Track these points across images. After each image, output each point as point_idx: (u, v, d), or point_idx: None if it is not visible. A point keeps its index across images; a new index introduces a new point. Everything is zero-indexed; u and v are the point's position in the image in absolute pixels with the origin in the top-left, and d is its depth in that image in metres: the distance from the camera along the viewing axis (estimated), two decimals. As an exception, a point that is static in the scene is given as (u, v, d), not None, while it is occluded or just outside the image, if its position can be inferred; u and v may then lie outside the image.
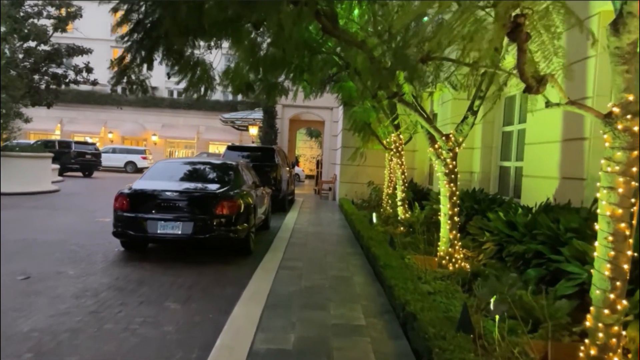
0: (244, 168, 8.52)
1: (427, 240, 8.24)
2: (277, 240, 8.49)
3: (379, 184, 14.53)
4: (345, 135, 15.94)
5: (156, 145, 38.94)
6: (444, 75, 7.55)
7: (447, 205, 7.00)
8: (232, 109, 33.04)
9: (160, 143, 39.31)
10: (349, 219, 11.08)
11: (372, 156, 14.78)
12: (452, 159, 7.06)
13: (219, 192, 6.71)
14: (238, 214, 6.76)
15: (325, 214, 13.26)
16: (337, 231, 9.89)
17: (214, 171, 7.69)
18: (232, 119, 24.66)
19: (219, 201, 6.56)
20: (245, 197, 7.33)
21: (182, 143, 41.16)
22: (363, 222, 9.42)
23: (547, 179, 7.79)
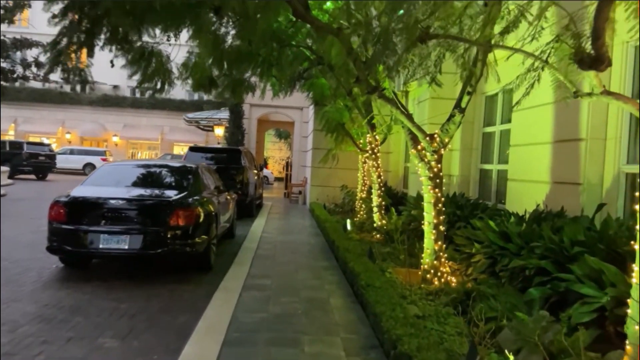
0: (206, 171, 7.62)
1: (408, 250, 7.54)
2: (242, 251, 7.62)
3: (353, 187, 13.81)
4: (317, 136, 15.18)
5: (117, 147, 37.25)
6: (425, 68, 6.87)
7: (432, 213, 6.31)
8: (198, 109, 31.80)
9: (121, 144, 37.64)
10: (321, 226, 10.30)
11: (344, 158, 14.05)
12: (437, 161, 6.36)
13: (174, 200, 5.81)
14: (196, 224, 5.88)
15: (296, 219, 12.43)
16: (309, 240, 9.08)
17: (169, 175, 6.76)
18: (197, 119, 23.54)
19: (173, 210, 5.66)
20: (206, 204, 6.44)
21: (145, 144, 39.56)
22: (337, 230, 8.65)
23: (536, 183, 7.19)
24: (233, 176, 12.11)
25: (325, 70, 10.62)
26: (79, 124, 36.79)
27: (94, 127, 37.05)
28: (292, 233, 9.83)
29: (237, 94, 9.75)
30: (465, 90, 5.99)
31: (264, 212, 13.88)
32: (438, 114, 10.46)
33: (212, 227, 6.46)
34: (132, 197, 5.83)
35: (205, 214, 6.24)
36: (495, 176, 9.21)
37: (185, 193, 6.18)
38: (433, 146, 6.29)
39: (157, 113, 37.18)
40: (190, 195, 6.20)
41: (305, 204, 17.23)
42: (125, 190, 6.05)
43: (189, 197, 6.09)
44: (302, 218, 12.83)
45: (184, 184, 6.47)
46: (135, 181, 6.51)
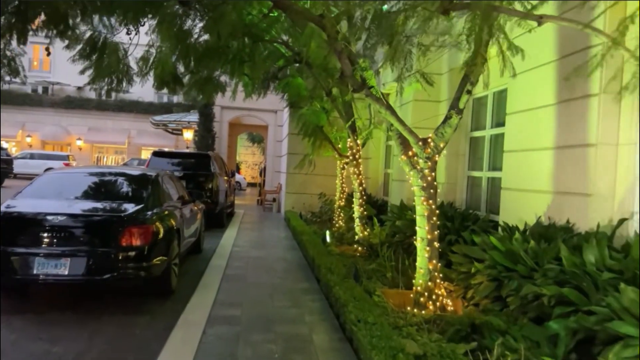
0: (168, 179, 6.70)
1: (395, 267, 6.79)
2: (210, 270, 6.72)
3: (331, 195, 13.02)
4: (292, 140, 14.35)
5: (81, 151, 35.56)
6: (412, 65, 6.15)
7: (426, 227, 5.56)
8: (168, 112, 30.55)
9: (86, 148, 35.96)
10: (298, 238, 9.46)
11: (322, 164, 13.26)
12: (431, 169, 5.63)
13: (126, 215, 4.89)
14: (153, 243, 4.97)
15: (270, 230, 11.55)
16: (285, 255, 8.23)
17: (124, 185, 5.82)
18: (164, 122, 22.39)
19: (125, 227, 4.75)
20: (166, 219, 5.54)
21: (111, 148, 37.96)
22: (315, 244, 7.83)
23: (535, 192, 6.52)
24: (201, 184, 11.16)
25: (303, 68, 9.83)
26: (40, 126, 34.98)
27: (57, 130, 35.30)
28: (266, 247, 8.96)
29: (206, 94, 8.84)
30: (465, 88, 5.26)
31: (235, 222, 12.95)
32: (422, 118, 9.80)
33: (173, 245, 5.56)
34: (76, 212, 4.88)
35: (165, 231, 5.33)
36: (486, 184, 8.55)
37: (141, 206, 5.26)
38: (426, 152, 5.55)
39: (124, 116, 35.70)
40: (147, 209, 5.29)
41: (280, 212, 16.36)
42: (69, 204, 5.09)
43: (145, 211, 5.17)
44: (277, 228, 11.96)
45: (141, 196, 5.55)
46: (83, 192, 5.55)
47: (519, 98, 7.10)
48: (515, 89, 7.13)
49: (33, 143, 34.69)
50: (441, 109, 9.71)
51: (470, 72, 5.34)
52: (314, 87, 9.13)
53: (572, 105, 5.87)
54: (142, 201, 5.41)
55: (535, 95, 6.59)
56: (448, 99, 9.42)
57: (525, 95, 6.88)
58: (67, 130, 35.54)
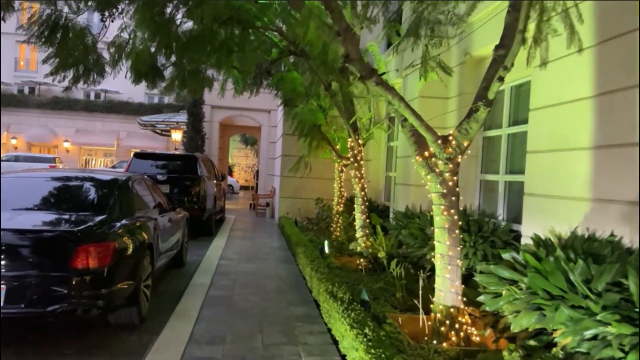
0: (142, 185, 5.75)
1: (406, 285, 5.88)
2: (191, 290, 5.76)
3: (328, 199, 12.10)
4: (286, 141, 13.42)
5: (69, 153, 34.42)
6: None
7: (446, 242, 4.67)
8: (158, 113, 29.48)
9: (73, 150, 34.81)
10: (293, 250, 8.52)
11: (318, 167, 12.35)
12: (453, 172, 4.73)
13: (81, 230, 3.92)
14: (116, 264, 4.02)
15: (262, 239, 10.59)
16: (278, 270, 7.27)
17: (86, 192, 4.86)
18: (152, 122, 21.38)
19: (78, 246, 3.79)
20: (136, 232, 4.59)
21: (100, 150, 36.82)
22: (313, 257, 6.88)
23: (568, 199, 5.62)
24: (187, 188, 10.20)
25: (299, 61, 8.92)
26: (25, 128, 33.80)
27: (43, 131, 34.14)
28: (257, 259, 8.00)
29: (190, 88, 7.89)
30: (496, 75, 4.35)
31: (225, 229, 11.99)
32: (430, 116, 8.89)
33: (143, 263, 4.61)
34: (17, 226, 3.91)
35: (133, 247, 4.38)
36: (504, 189, 7.65)
37: (102, 218, 4.29)
38: (447, 152, 4.65)
39: (113, 117, 34.61)
40: (110, 221, 4.33)
41: (273, 218, 15.40)
42: (11, 216, 4.12)
43: (106, 224, 4.21)
44: (270, 236, 11.00)
45: (105, 205, 4.58)
46: (36, 201, 4.58)
47: (546, 91, 6.20)
48: (542, 80, 6.24)
49: (18, 145, 33.53)
50: (450, 107, 8.82)
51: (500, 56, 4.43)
52: (311, 82, 8.22)
53: (617, 97, 4.97)
54: (106, 211, 4.44)
55: (568, 87, 5.69)
56: (459, 94, 8.54)
57: (554, 88, 5.98)
58: (53, 132, 34.40)
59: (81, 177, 5.17)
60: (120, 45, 6.31)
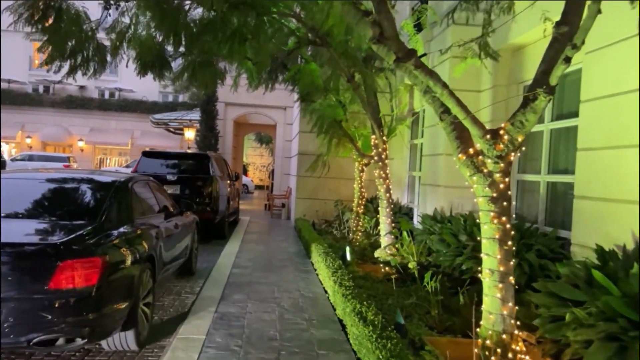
0: (144, 187, 5.11)
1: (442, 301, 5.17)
2: (198, 306, 5.10)
3: (348, 200, 11.40)
4: (303, 139, 12.75)
5: (83, 152, 34.20)
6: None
7: (497, 255, 3.95)
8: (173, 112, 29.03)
9: (88, 149, 34.58)
10: (312, 257, 7.83)
11: (337, 166, 11.66)
12: (504, 173, 4.01)
13: (64, 242, 3.29)
14: (106, 282, 3.37)
15: (278, 243, 9.92)
16: (296, 280, 6.58)
17: (79, 197, 4.22)
18: (165, 120, 20.87)
19: (59, 261, 3.15)
20: (134, 242, 3.95)
21: (115, 150, 36.56)
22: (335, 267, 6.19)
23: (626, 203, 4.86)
24: (199, 189, 9.58)
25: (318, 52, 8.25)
26: (40, 127, 33.66)
27: (57, 131, 33.96)
28: (273, 267, 7.32)
29: (200, 81, 7.25)
30: (562, 56, 3.60)
31: (239, 232, 11.35)
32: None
33: (142, 279, 3.96)
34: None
35: (130, 260, 3.74)
36: (545, 190, 6.88)
37: (92, 227, 3.65)
38: (498, 149, 3.93)
39: (126, 116, 34.29)
40: (101, 230, 3.68)
41: (289, 219, 14.75)
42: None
43: (96, 235, 3.56)
44: (286, 240, 10.33)
45: (98, 211, 3.94)
46: (20, 207, 3.95)
47: (602, 79, 5.42)
48: (596, 68, 5.48)
49: (33, 144, 33.40)
50: (483, 101, 8.05)
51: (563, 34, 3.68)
52: (332, 73, 7.52)
53: None
54: (97, 218, 3.80)
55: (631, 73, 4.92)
56: (492, 87, 7.78)
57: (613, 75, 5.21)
58: (68, 131, 34.21)
59: (75, 178, 4.52)
60: (121, 31, 5.68)
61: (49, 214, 3.91)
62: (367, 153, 8.29)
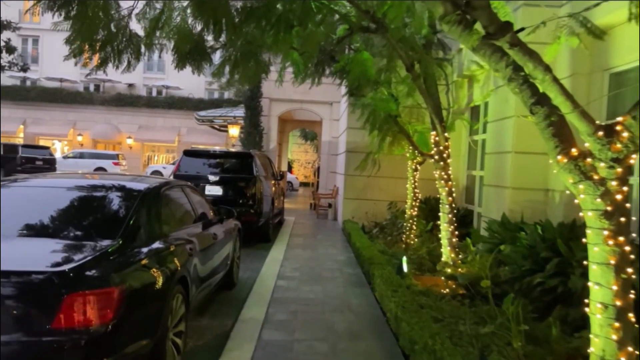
0: (180, 194, 4.50)
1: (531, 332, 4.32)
2: (239, 330, 4.45)
3: (399, 201, 10.56)
4: (352, 136, 12.00)
5: (132, 149, 34.74)
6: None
7: (612, 285, 3.09)
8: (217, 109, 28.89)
9: (136, 147, 35.11)
10: (364, 266, 7.10)
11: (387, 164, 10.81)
12: (622, 181, 3.13)
13: (73, 269, 2.67)
14: (125, 317, 2.75)
15: (326, 249, 9.21)
16: (349, 297, 5.82)
17: (99, 208, 3.61)
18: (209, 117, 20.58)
19: (63, 294, 2.53)
20: (161, 263, 3.33)
21: (163, 147, 36.95)
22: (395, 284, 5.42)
23: None
24: (242, 190, 9.02)
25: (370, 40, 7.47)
26: (91, 125, 34.43)
27: (107, 128, 34.65)
28: (322, 280, 6.61)
29: (242, 73, 6.62)
30: None
31: (284, 235, 10.74)
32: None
33: (172, 306, 3.33)
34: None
35: (156, 286, 3.12)
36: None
37: (110, 245, 3.04)
38: (614, 149, 3.08)
39: (173, 113, 34.57)
40: (121, 250, 3.07)
41: (336, 221, 14.05)
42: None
43: (113, 257, 2.94)
44: (334, 245, 9.62)
45: (120, 225, 3.32)
46: (31, 222, 3.38)
47: None
48: None
49: (84, 142, 34.21)
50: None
51: None
52: (387, 62, 6.73)
53: None
54: (118, 235, 3.19)
55: None
56: (572, 75, 6.77)
57: None
58: (117, 129, 34.85)
59: (96, 186, 3.93)
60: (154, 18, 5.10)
61: (61, 230, 3.32)
62: (427, 151, 7.45)
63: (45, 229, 3.30)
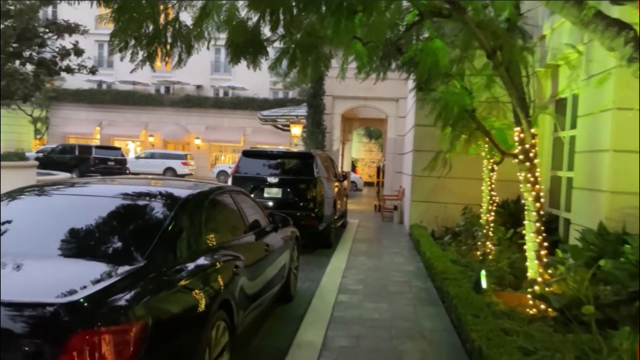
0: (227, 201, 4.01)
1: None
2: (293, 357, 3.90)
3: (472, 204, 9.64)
4: (420, 134, 11.18)
5: (199, 150, 35.51)
6: None
7: None
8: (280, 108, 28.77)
9: (203, 147, 35.86)
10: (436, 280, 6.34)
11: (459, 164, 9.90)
12: None
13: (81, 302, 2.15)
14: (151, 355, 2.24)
15: (392, 257, 8.50)
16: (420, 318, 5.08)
17: (124, 220, 3.12)
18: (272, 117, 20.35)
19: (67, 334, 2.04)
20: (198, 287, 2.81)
21: (229, 147, 37.50)
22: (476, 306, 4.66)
23: None
24: (302, 192, 8.52)
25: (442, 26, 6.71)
26: (161, 126, 35.59)
27: (176, 129, 35.66)
28: (388, 295, 5.91)
29: (301, 66, 6.08)
30: None
31: (347, 239, 10.14)
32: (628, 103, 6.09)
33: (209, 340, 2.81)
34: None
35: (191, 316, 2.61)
36: None
37: (131, 270, 2.53)
38: None
39: (239, 113, 34.97)
40: (146, 275, 2.55)
41: (402, 224, 13.26)
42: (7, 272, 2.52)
43: (135, 285, 2.41)
44: (401, 254, 8.87)
45: (148, 243, 2.82)
46: (46, 238, 2.90)
47: None
48: None
49: (155, 142, 35.39)
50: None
51: None
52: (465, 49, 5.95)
53: None
54: (144, 256, 2.69)
55: None
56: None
57: None
58: (186, 129, 35.76)
59: (125, 193, 3.40)
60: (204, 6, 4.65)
61: (75, 249, 2.84)
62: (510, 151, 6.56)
63: (62, 248, 2.83)
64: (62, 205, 3.25)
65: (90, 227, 2.93)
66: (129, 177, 4.33)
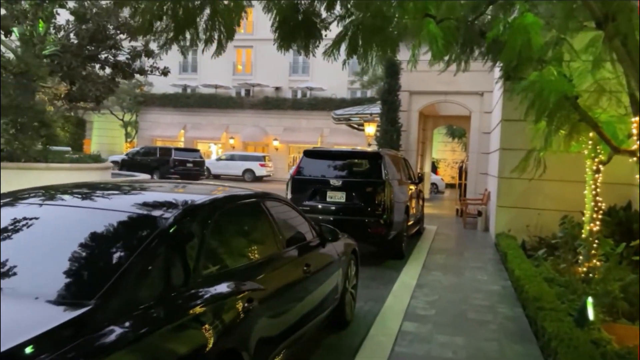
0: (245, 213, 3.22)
1: None
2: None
3: (571, 211, 8.20)
4: (507, 130, 9.85)
5: (278, 151, 35.59)
6: None
7: None
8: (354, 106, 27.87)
9: (281, 148, 35.89)
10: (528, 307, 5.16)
11: (555, 164, 8.47)
12: None
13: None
14: None
15: (474, 273, 7.31)
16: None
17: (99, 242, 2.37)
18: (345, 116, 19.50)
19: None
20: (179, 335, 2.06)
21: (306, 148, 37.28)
22: (579, 346, 3.54)
23: None
24: (368, 196, 7.60)
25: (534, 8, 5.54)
26: (241, 128, 36.14)
27: (255, 131, 36.04)
28: (467, 325, 4.82)
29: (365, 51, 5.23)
30: None
31: (421, 249, 9.07)
32: None
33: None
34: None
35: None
36: None
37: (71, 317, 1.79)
38: None
39: (316, 114, 34.59)
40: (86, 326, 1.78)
41: (487, 232, 11.88)
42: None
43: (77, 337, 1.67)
44: (484, 269, 7.65)
45: (104, 278, 2.05)
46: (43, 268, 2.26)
47: None
48: None
49: (235, 144, 35.98)
50: None
51: None
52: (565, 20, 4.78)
53: None
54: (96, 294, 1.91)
55: None
56: None
57: None
58: (265, 131, 36.02)
59: (143, 204, 2.68)
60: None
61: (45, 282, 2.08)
62: (625, 147, 5.25)
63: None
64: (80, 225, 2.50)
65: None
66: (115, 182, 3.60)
